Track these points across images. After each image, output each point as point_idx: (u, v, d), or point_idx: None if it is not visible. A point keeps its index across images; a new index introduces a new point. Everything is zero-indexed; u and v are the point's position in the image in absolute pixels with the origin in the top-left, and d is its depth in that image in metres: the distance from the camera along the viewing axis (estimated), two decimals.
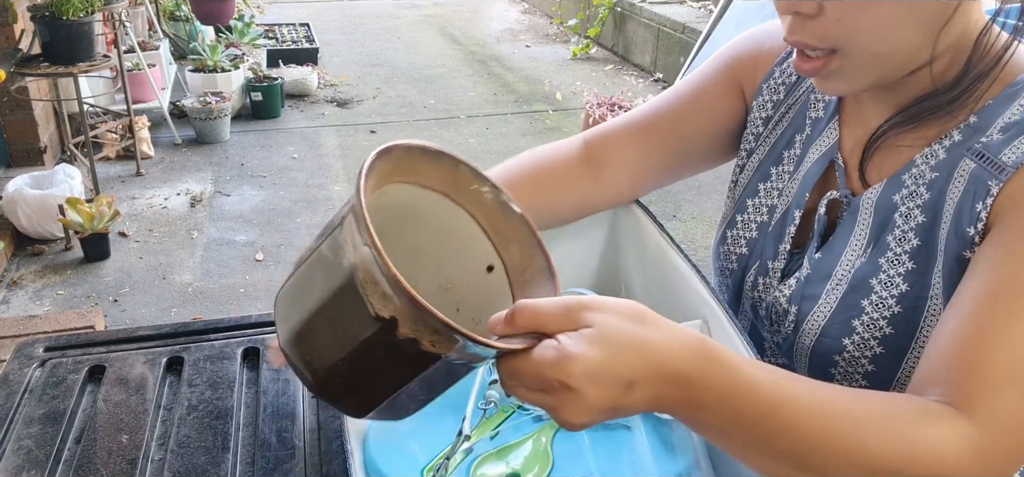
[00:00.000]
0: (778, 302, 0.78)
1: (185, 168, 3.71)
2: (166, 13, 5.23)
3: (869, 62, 0.66)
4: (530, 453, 0.72)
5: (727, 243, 0.86)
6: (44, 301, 2.62)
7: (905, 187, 0.70)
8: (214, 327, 0.98)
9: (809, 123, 0.80)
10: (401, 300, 0.47)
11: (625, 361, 0.49)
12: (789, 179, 0.81)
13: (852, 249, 0.73)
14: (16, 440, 0.79)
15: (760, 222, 0.83)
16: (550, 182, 0.90)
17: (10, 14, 3.15)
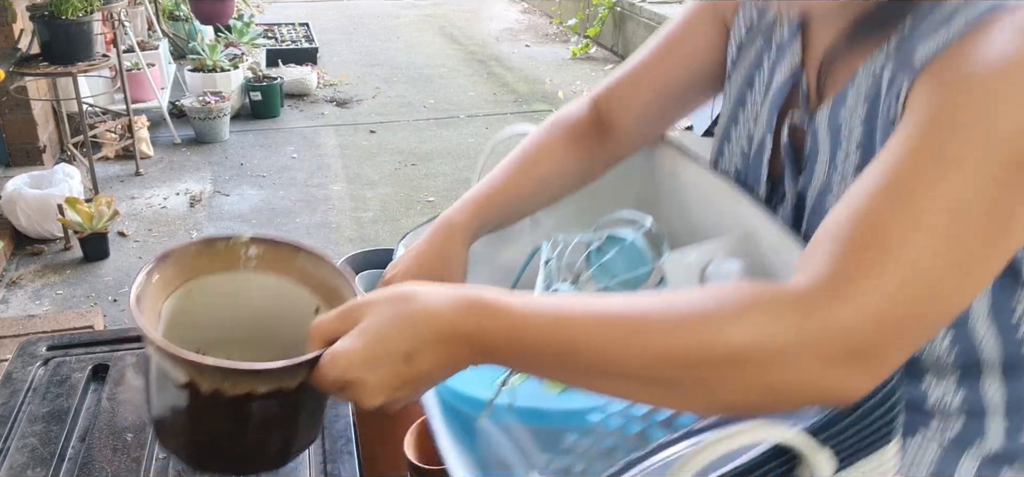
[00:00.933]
0: None
1: (184, 168, 3.70)
2: (165, 13, 5.23)
3: None
4: None
5: (724, 157, 0.85)
6: (43, 301, 2.62)
7: (846, 103, 0.68)
8: None
9: (775, 45, 0.78)
10: (178, 363, 0.55)
11: (393, 339, 0.54)
12: (762, 104, 0.79)
13: (818, 173, 0.71)
14: (21, 438, 0.79)
15: (742, 151, 0.82)
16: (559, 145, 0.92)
17: (9, 13, 3.15)
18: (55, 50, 3.09)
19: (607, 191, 0.96)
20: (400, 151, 3.99)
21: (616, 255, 0.80)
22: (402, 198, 3.45)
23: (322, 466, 0.77)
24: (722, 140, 0.85)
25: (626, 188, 0.98)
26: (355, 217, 3.27)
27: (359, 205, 3.38)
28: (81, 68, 3.12)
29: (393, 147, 4.04)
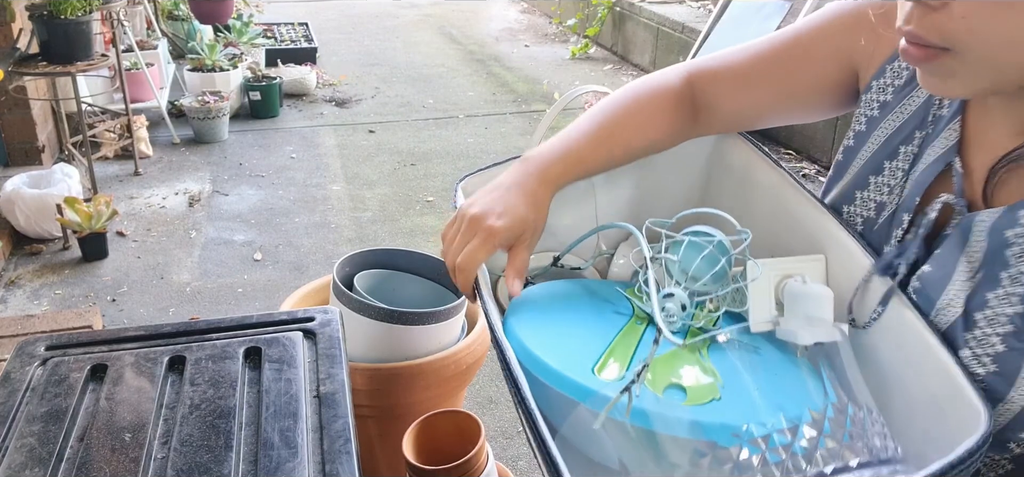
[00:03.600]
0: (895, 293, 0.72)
1: (183, 167, 3.70)
2: (164, 12, 5.23)
3: (985, 68, 0.60)
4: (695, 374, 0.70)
5: (858, 201, 0.80)
6: (42, 300, 2.62)
7: (1020, 224, 0.63)
8: (215, 327, 0.98)
9: (932, 119, 0.73)
10: None
11: None
12: (903, 177, 0.75)
13: (961, 273, 0.67)
14: (19, 438, 0.79)
15: (867, 218, 0.78)
16: (650, 114, 0.89)
17: (8, 13, 3.15)
18: (54, 50, 3.08)
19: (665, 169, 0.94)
20: (399, 151, 3.99)
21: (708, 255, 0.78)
22: (401, 198, 3.45)
23: (320, 466, 0.76)
24: (842, 198, 0.81)
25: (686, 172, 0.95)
26: (354, 217, 3.27)
27: (358, 205, 3.38)
28: (80, 68, 3.12)
29: (392, 147, 4.04)
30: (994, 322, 0.64)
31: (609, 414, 0.66)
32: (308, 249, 3.00)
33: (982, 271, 0.65)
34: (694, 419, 0.64)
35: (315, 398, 0.85)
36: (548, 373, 0.72)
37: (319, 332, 0.97)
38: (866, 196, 0.78)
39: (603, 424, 0.67)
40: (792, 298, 0.74)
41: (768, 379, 0.70)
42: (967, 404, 0.61)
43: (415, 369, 1.42)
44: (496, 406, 2.13)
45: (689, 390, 0.68)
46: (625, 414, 0.65)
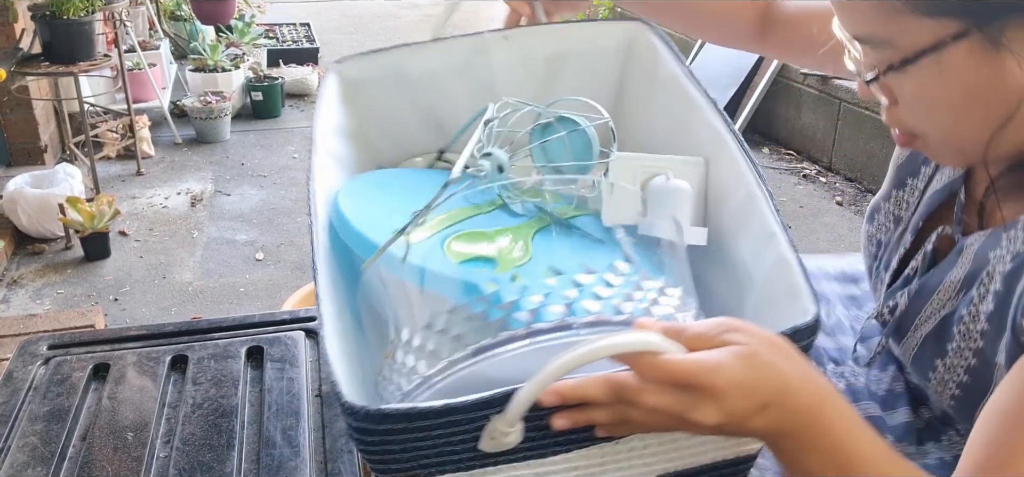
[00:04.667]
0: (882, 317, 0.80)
1: (185, 167, 3.71)
2: (167, 12, 5.23)
3: (949, 149, 0.67)
4: (508, 243, 0.70)
5: (873, 227, 0.87)
6: (44, 300, 2.62)
7: (1000, 246, 0.68)
8: (217, 326, 0.98)
9: None
10: None
11: (765, 383, 0.52)
12: (918, 196, 0.81)
13: (944, 290, 0.72)
14: (21, 437, 0.79)
15: (887, 228, 0.84)
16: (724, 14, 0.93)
17: (10, 13, 3.15)
18: (56, 50, 3.09)
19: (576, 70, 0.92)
20: None
21: (562, 138, 0.78)
22: None
23: (322, 465, 0.77)
24: (876, 207, 0.87)
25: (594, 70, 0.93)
26: None
27: None
28: (82, 68, 3.13)
29: None
30: (966, 336, 0.69)
31: (392, 271, 0.64)
32: (310, 249, 3.00)
33: (962, 291, 0.71)
34: (465, 278, 0.64)
35: (317, 397, 0.85)
36: (346, 229, 0.70)
37: (321, 332, 0.97)
38: (890, 207, 0.84)
39: (383, 278, 0.65)
40: (653, 194, 0.74)
41: (579, 258, 0.69)
42: (801, 299, 0.62)
43: None
44: None
45: (498, 259, 0.67)
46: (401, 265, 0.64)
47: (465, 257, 0.67)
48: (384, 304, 0.67)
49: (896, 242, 0.82)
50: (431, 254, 0.66)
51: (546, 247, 0.70)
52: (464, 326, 0.60)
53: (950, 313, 0.72)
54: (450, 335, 0.60)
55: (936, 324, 0.73)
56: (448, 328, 0.60)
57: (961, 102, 0.62)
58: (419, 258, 0.65)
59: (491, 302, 0.61)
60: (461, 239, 0.69)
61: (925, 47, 0.60)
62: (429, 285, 0.64)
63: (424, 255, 0.66)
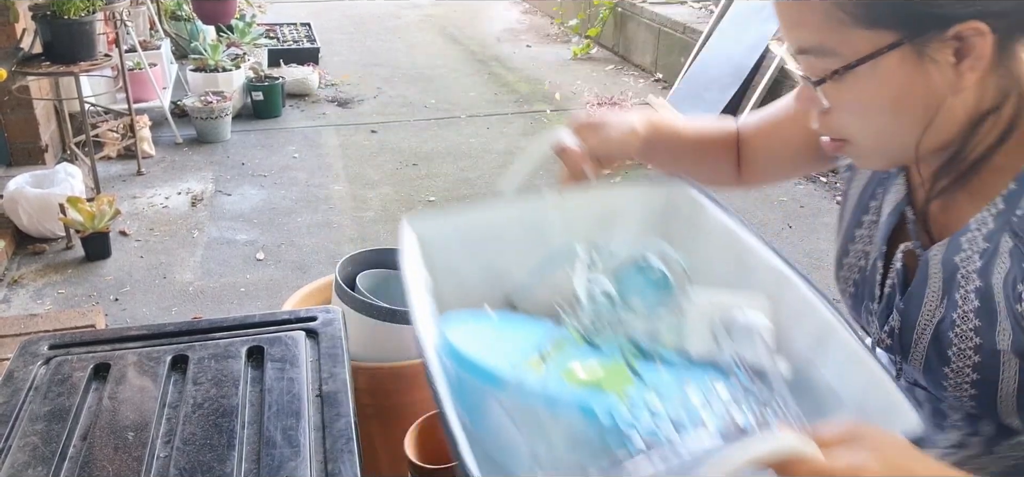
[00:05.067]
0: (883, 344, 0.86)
1: (186, 167, 3.71)
2: (167, 12, 5.23)
3: (878, 153, 0.75)
4: (615, 371, 0.74)
5: (844, 271, 0.93)
6: (45, 300, 2.62)
7: (963, 250, 0.75)
8: (218, 326, 0.98)
9: (886, 175, 0.87)
10: None
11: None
12: (875, 227, 0.88)
13: (929, 301, 0.79)
14: (22, 437, 0.79)
15: (860, 266, 0.90)
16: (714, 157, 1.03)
17: (11, 13, 3.16)
18: (57, 49, 3.09)
19: (626, 223, 0.99)
20: (401, 151, 4.00)
21: (641, 278, 0.83)
22: (403, 198, 3.45)
23: (322, 465, 0.77)
24: (842, 253, 0.94)
25: (643, 222, 1.00)
26: (356, 217, 3.28)
27: (360, 205, 3.39)
28: (83, 67, 3.13)
29: (394, 147, 4.05)
30: (963, 338, 0.75)
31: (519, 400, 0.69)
32: (310, 249, 3.01)
33: (945, 298, 0.77)
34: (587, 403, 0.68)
35: (317, 397, 0.85)
36: (467, 364, 0.74)
37: (321, 331, 0.97)
38: (857, 248, 0.91)
39: (512, 411, 0.70)
40: (730, 329, 0.78)
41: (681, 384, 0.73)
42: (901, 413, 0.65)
43: (417, 368, 1.42)
44: None
45: (608, 385, 0.71)
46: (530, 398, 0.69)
47: (582, 383, 0.72)
48: (507, 429, 0.72)
49: (872, 273, 0.87)
50: (551, 381, 0.72)
51: (648, 375, 0.75)
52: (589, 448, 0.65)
53: (941, 320, 0.77)
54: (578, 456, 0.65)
55: (932, 334, 0.78)
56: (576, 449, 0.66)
57: (892, 105, 0.70)
58: (542, 385, 0.72)
59: (612, 423, 0.66)
60: (574, 366, 0.74)
61: (865, 55, 0.68)
62: (553, 410, 0.70)
63: (545, 382, 0.72)
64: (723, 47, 4.45)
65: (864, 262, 0.89)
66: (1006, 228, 0.71)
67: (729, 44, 4.41)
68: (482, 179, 3.62)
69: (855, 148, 0.75)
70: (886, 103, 0.70)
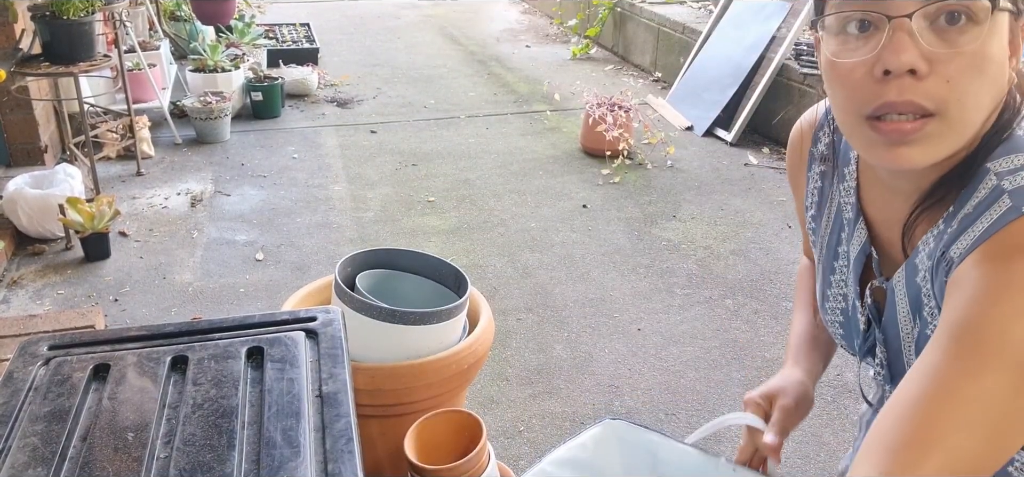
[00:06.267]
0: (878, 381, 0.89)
1: (185, 168, 3.71)
2: (166, 13, 5.23)
3: (961, 129, 0.70)
4: None
5: (828, 314, 0.96)
6: (44, 300, 2.62)
7: (918, 271, 0.77)
8: (218, 326, 0.98)
9: (846, 224, 0.89)
10: None
11: None
12: (846, 271, 0.90)
13: (903, 325, 0.81)
14: (21, 437, 0.79)
15: (841, 308, 0.93)
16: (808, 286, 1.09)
17: (10, 13, 3.15)
18: (56, 50, 3.09)
19: None
20: (400, 151, 3.99)
21: None
22: (402, 198, 3.45)
23: (322, 465, 0.77)
24: (822, 298, 0.96)
25: None
26: (355, 217, 3.27)
27: (359, 205, 3.38)
28: (82, 68, 3.13)
29: (393, 147, 4.05)
30: None
31: None
32: (310, 249, 3.01)
33: (916, 319, 0.79)
34: None
35: (317, 397, 0.85)
36: None
37: (321, 332, 0.97)
38: (834, 292, 0.93)
39: None
40: None
41: None
42: None
43: (417, 368, 1.42)
44: (497, 405, 2.13)
45: None
46: None
47: None
48: None
49: (853, 314, 0.90)
50: None
51: None
52: None
53: (917, 339, 0.79)
54: None
55: (916, 354, 0.80)
56: None
57: (997, 68, 0.68)
58: None
59: None
60: None
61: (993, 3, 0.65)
62: None
63: None
64: (723, 47, 4.45)
65: (845, 304, 0.92)
66: (940, 244, 0.72)
67: (729, 44, 4.41)
68: (481, 179, 3.62)
69: (941, 123, 0.69)
70: (993, 64, 0.67)
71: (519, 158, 3.88)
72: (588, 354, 2.36)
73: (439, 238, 3.08)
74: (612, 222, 3.24)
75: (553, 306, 2.62)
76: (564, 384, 2.23)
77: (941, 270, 0.71)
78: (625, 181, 3.64)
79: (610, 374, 2.28)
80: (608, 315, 2.57)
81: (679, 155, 3.91)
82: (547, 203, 3.41)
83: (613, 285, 2.76)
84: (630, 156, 3.85)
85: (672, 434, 1.02)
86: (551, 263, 2.90)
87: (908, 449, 0.63)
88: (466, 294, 1.53)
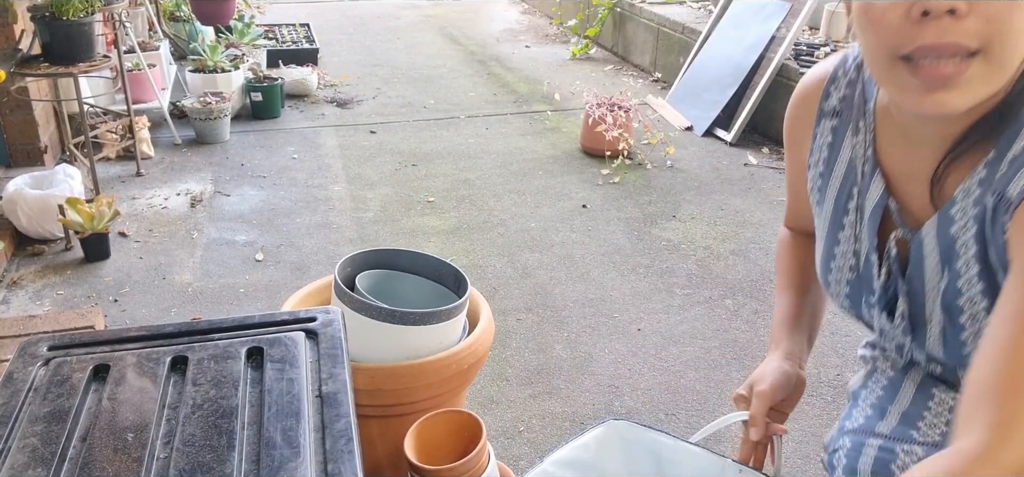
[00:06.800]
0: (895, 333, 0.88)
1: (185, 168, 3.71)
2: (166, 13, 5.23)
3: (1003, 67, 0.70)
4: None
5: (833, 274, 0.95)
6: (44, 301, 2.62)
7: (955, 222, 0.77)
8: (217, 327, 0.98)
9: (861, 177, 0.89)
10: None
11: None
12: (859, 227, 0.90)
13: (931, 278, 0.81)
14: (21, 438, 0.79)
15: (851, 265, 0.92)
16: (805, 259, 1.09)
17: (10, 14, 3.15)
18: (56, 51, 3.09)
19: None
20: (400, 152, 4.00)
21: None
22: (402, 198, 3.45)
23: (322, 466, 0.77)
24: (828, 256, 0.96)
25: None
26: (355, 217, 3.28)
27: (359, 205, 3.39)
28: (82, 69, 3.12)
29: (393, 148, 4.05)
30: (973, 303, 0.76)
31: None
32: (310, 249, 3.01)
33: (945, 271, 0.78)
34: None
35: (317, 398, 0.85)
36: None
37: (321, 332, 0.97)
38: (842, 249, 0.93)
39: None
40: None
41: None
42: None
43: (416, 368, 1.42)
44: (497, 406, 2.13)
45: None
46: None
47: None
48: None
49: (867, 268, 0.89)
50: None
51: None
52: None
53: (945, 290, 0.79)
54: None
55: (941, 305, 0.80)
56: None
57: None
58: None
59: None
60: None
61: None
62: None
63: None
64: (723, 47, 4.45)
65: (855, 261, 0.91)
66: (988, 190, 0.72)
67: (729, 44, 4.41)
68: (481, 179, 3.62)
69: (983, 63, 0.69)
70: None
71: (519, 158, 3.88)
72: (588, 354, 2.37)
73: (439, 238, 3.08)
74: (612, 222, 3.24)
75: (553, 306, 2.62)
76: (564, 384, 2.23)
77: (1000, 212, 0.71)
78: (625, 181, 3.64)
79: (610, 374, 2.28)
80: (608, 315, 2.57)
81: (679, 155, 3.91)
82: (547, 203, 3.41)
83: (613, 285, 2.76)
84: (630, 156, 3.85)
85: (677, 435, 1.02)
86: (551, 263, 2.90)
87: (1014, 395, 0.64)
88: (466, 294, 1.53)
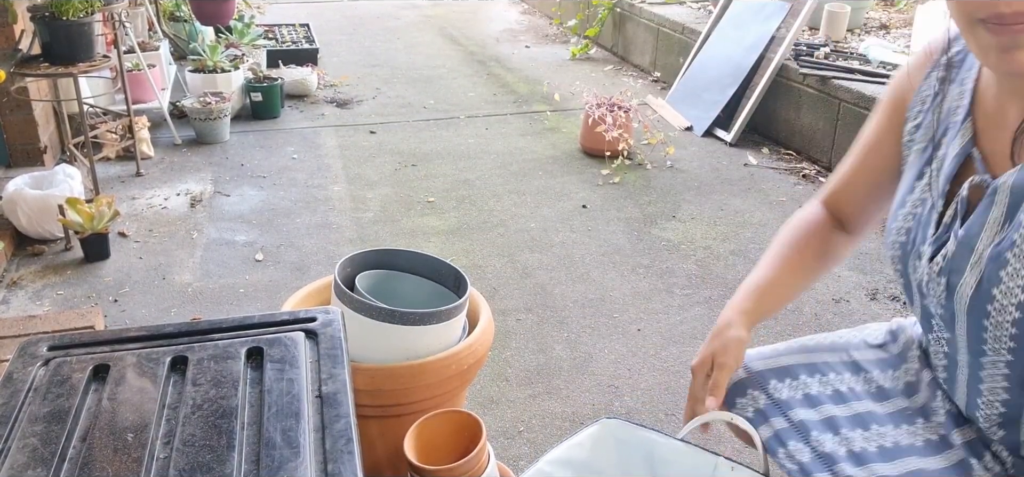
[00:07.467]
0: (931, 276, 0.89)
1: (185, 168, 3.71)
2: (166, 13, 5.23)
3: None
4: None
5: (898, 222, 0.97)
6: (44, 301, 2.62)
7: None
8: (217, 327, 0.98)
9: (949, 129, 0.91)
10: None
11: None
12: (936, 176, 0.92)
13: (990, 227, 0.83)
14: (21, 438, 0.79)
15: (916, 214, 0.94)
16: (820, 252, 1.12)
17: (10, 14, 3.15)
18: (56, 51, 3.09)
19: None
20: (400, 152, 4.00)
21: None
22: (402, 199, 3.45)
23: (322, 466, 0.77)
24: (898, 206, 0.98)
25: None
26: (355, 217, 3.28)
27: (359, 205, 3.39)
28: (82, 69, 3.12)
29: (393, 148, 4.05)
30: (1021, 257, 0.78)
31: None
32: (310, 249, 3.01)
33: (1007, 222, 0.80)
34: None
35: (317, 398, 0.85)
36: None
37: (321, 332, 0.97)
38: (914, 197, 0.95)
39: None
40: None
41: None
42: None
43: (416, 369, 1.42)
44: (497, 406, 2.13)
45: None
46: None
47: None
48: None
49: (928, 214, 0.91)
50: None
51: None
52: None
53: (1000, 242, 0.80)
54: None
55: (989, 257, 0.81)
56: None
57: None
58: None
59: None
60: None
61: None
62: None
63: None
64: (722, 47, 4.45)
65: (921, 209, 0.93)
66: None
67: (728, 44, 4.41)
68: (481, 179, 3.62)
69: None
70: None
71: (519, 158, 3.88)
72: (588, 354, 2.37)
73: (439, 238, 3.08)
74: (612, 222, 3.24)
75: (553, 306, 2.62)
76: (564, 384, 2.23)
77: None
78: (625, 181, 3.64)
79: (610, 374, 2.28)
80: (608, 315, 2.57)
81: (679, 155, 3.92)
82: (547, 203, 3.41)
83: (613, 285, 2.76)
84: (630, 156, 3.85)
85: (669, 433, 1.02)
86: (551, 263, 2.90)
87: None
88: (466, 294, 1.53)
